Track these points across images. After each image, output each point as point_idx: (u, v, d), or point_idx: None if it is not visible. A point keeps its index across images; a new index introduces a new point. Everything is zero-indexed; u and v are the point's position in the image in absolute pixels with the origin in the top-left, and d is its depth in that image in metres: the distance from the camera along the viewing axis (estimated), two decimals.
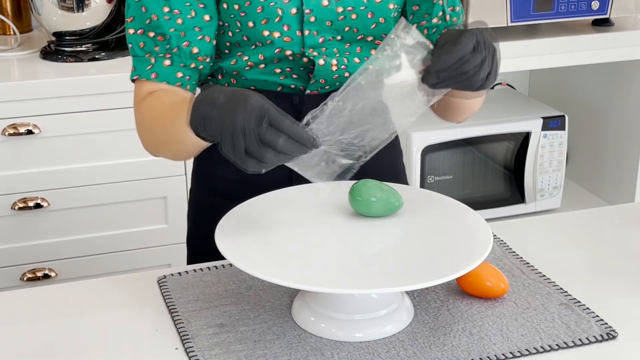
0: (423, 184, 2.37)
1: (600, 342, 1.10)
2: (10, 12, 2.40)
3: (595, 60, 2.37)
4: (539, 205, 2.50)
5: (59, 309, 1.20)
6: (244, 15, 1.28)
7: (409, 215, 1.21)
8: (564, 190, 2.53)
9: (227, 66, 1.32)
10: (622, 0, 2.33)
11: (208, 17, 1.28)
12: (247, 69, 1.31)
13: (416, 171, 2.34)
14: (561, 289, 1.22)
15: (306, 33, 1.28)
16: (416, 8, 1.35)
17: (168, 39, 1.26)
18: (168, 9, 1.26)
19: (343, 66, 1.31)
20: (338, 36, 1.31)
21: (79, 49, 2.20)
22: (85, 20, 2.19)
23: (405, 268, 1.08)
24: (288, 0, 1.26)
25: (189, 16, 1.26)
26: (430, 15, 1.35)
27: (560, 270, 1.28)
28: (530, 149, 2.44)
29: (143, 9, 1.26)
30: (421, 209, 1.23)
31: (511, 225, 1.48)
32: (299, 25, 1.28)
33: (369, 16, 1.30)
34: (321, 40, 1.29)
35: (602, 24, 2.40)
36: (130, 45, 1.29)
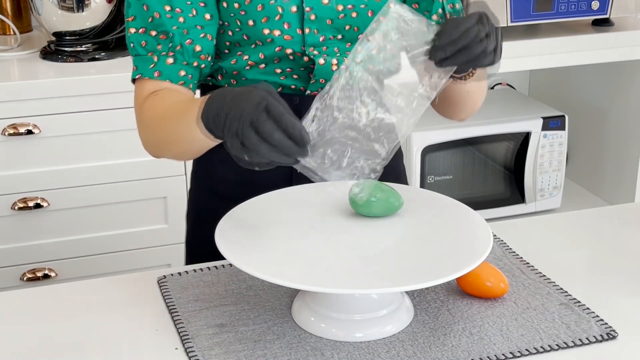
0: (423, 184, 2.37)
1: (600, 342, 1.10)
2: (10, 12, 2.40)
3: (595, 60, 2.37)
4: (539, 205, 2.50)
5: (59, 309, 1.20)
6: (244, 13, 1.28)
7: (409, 215, 1.21)
8: (564, 190, 2.53)
9: (227, 66, 1.32)
10: (622, 0, 2.33)
11: (209, 16, 1.28)
12: (248, 68, 1.31)
13: (416, 171, 2.34)
14: (561, 289, 1.22)
15: (307, 31, 1.28)
16: (416, 7, 1.35)
17: (171, 37, 1.25)
18: (169, 8, 1.25)
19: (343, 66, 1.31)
20: (339, 35, 1.31)
21: (79, 49, 2.19)
22: (85, 20, 2.19)
23: (405, 268, 1.08)
24: None
25: (191, 15, 1.26)
26: (430, 12, 1.35)
27: (560, 270, 1.28)
28: (530, 149, 2.44)
29: (145, 7, 1.26)
30: (421, 209, 1.23)
31: (511, 225, 1.48)
32: (299, 23, 1.28)
33: (369, 14, 1.30)
34: (322, 39, 1.29)
35: (602, 24, 2.40)
36: (131, 45, 1.28)
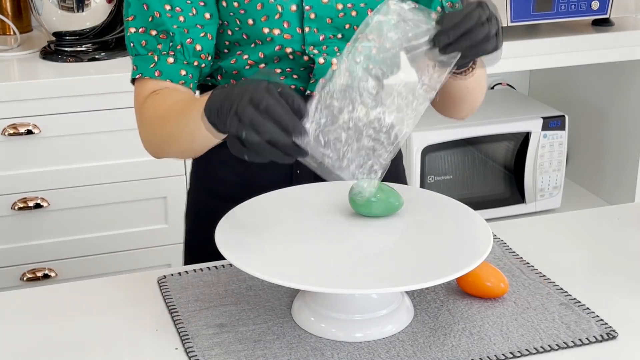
0: (423, 184, 2.37)
1: (600, 342, 1.10)
2: (10, 12, 2.40)
3: (595, 60, 2.37)
4: (539, 205, 2.50)
5: (59, 309, 1.20)
6: (243, 12, 1.27)
7: (409, 215, 1.21)
8: (564, 190, 2.53)
9: (227, 66, 1.32)
10: (622, 0, 2.33)
11: (209, 15, 1.28)
12: (247, 68, 1.31)
13: (416, 171, 2.34)
14: (561, 289, 1.22)
15: (306, 30, 1.28)
16: (415, 5, 1.35)
17: (171, 36, 1.25)
18: (169, 7, 1.25)
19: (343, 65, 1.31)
20: (339, 34, 1.31)
21: (79, 49, 2.20)
22: (85, 20, 2.19)
23: (405, 268, 1.08)
24: None
25: (191, 14, 1.26)
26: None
27: (560, 270, 1.28)
28: (530, 149, 2.43)
29: (145, 7, 1.26)
30: (421, 209, 1.23)
31: (511, 225, 1.48)
32: (299, 22, 1.28)
33: (369, 13, 1.30)
34: (322, 37, 1.29)
35: (602, 24, 2.40)
36: (131, 44, 1.28)
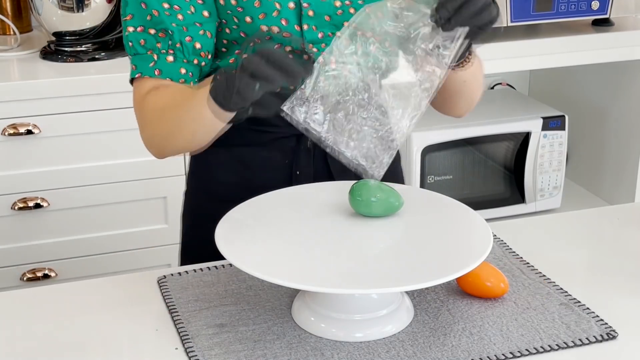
0: (423, 184, 2.37)
1: (600, 342, 1.10)
2: (10, 12, 2.40)
3: (595, 60, 2.37)
4: (539, 205, 2.50)
5: (59, 309, 1.20)
6: (241, 10, 1.27)
7: (409, 215, 1.21)
8: (564, 190, 2.53)
9: (225, 65, 1.31)
10: (622, 0, 2.33)
11: (207, 13, 1.27)
12: None
13: (416, 171, 2.34)
14: (561, 289, 1.22)
15: (305, 27, 1.28)
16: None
17: (170, 34, 1.25)
18: (168, 5, 1.25)
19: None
20: (337, 32, 1.30)
21: (79, 49, 2.19)
22: (85, 20, 2.19)
23: (405, 268, 1.08)
24: None
25: (189, 12, 1.26)
26: None
27: (560, 270, 1.28)
28: (530, 149, 2.43)
29: (143, 5, 1.26)
30: (421, 209, 1.23)
31: (511, 225, 1.48)
32: (297, 19, 1.27)
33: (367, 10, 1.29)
34: (320, 35, 1.29)
35: (602, 24, 2.40)
36: (130, 44, 1.27)
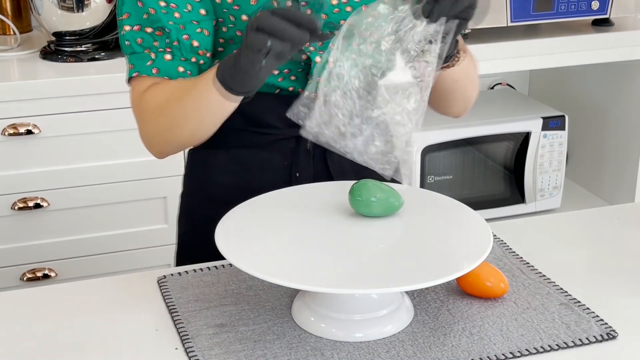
0: (423, 184, 2.37)
1: (600, 342, 1.10)
2: (10, 12, 2.40)
3: (595, 60, 2.37)
4: (539, 205, 2.50)
5: (59, 309, 1.20)
6: (237, 8, 1.27)
7: (409, 215, 1.21)
8: (564, 190, 2.53)
9: None
10: (622, 0, 2.33)
11: (204, 11, 1.27)
12: None
13: (416, 171, 2.34)
14: (561, 289, 1.22)
15: None
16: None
17: (167, 32, 1.25)
18: (164, 4, 1.25)
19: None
20: (334, 31, 1.30)
21: (78, 49, 2.19)
22: (85, 20, 2.19)
23: (405, 268, 1.08)
24: None
25: (186, 10, 1.26)
26: None
27: (560, 270, 1.28)
28: (530, 149, 2.43)
29: (139, 4, 1.25)
30: (421, 209, 1.23)
31: (511, 225, 1.48)
32: None
33: (364, 9, 1.29)
34: None
35: (602, 24, 2.40)
36: (127, 43, 1.27)
